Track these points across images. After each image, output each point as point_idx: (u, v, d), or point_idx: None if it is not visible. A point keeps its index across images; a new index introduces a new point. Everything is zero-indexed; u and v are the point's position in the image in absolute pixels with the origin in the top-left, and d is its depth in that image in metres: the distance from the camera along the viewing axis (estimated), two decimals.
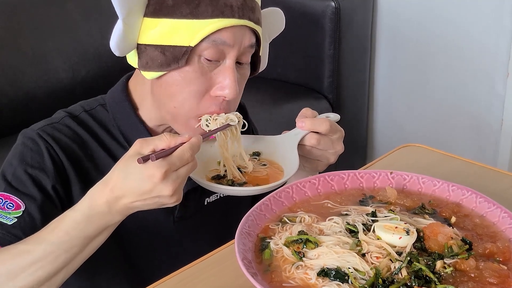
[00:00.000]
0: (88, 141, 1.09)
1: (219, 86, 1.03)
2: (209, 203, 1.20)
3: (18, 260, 0.92)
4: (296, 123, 1.10)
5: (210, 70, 1.03)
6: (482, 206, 0.99)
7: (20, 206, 1.00)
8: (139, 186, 0.89)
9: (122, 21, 0.99)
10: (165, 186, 0.88)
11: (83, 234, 0.93)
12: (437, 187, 1.05)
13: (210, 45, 1.01)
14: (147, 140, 0.91)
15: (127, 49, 1.03)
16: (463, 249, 0.88)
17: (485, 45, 2.36)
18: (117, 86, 1.15)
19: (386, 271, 0.83)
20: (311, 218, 0.96)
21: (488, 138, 2.45)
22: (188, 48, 1.00)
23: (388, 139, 2.79)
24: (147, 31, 1.02)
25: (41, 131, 1.06)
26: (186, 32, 1.00)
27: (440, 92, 2.55)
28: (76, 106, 1.14)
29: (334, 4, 2.36)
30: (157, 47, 1.02)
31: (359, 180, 1.07)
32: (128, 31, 1.01)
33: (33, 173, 1.03)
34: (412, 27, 2.55)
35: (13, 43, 1.94)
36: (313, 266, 0.85)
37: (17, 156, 1.05)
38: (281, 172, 1.09)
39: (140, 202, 0.91)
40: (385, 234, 0.88)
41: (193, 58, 1.02)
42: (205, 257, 0.99)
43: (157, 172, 0.87)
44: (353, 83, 2.59)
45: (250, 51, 1.06)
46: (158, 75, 1.03)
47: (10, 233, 0.98)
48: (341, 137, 1.11)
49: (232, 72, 1.03)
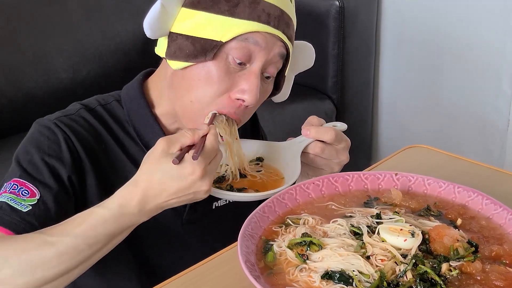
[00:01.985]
0: (103, 134, 1.10)
1: (240, 89, 1.03)
2: (217, 207, 1.20)
3: (42, 251, 0.90)
4: (302, 131, 1.10)
5: (234, 72, 1.03)
6: (488, 208, 0.99)
7: (35, 193, 0.99)
8: (177, 185, 0.90)
9: (160, 3, 0.99)
10: (204, 181, 0.91)
11: (108, 232, 0.93)
12: (443, 189, 1.04)
13: (241, 44, 1.01)
14: (170, 138, 0.92)
15: (159, 33, 1.04)
16: (469, 252, 0.87)
17: (492, 45, 2.35)
18: (133, 82, 1.15)
19: (391, 274, 0.83)
20: (315, 220, 0.95)
21: (495, 139, 2.44)
22: (218, 42, 1.00)
23: (393, 140, 2.79)
24: (182, 21, 1.02)
25: (58, 121, 1.06)
26: (220, 27, 1.00)
27: (446, 93, 2.54)
28: (91, 100, 1.14)
29: (338, 3, 2.35)
30: (188, 38, 1.02)
31: (363, 182, 1.06)
32: (164, 16, 1.01)
33: (50, 161, 1.02)
34: (418, 27, 2.54)
35: (13, 43, 1.94)
36: (317, 269, 0.84)
37: (34, 143, 1.04)
38: (282, 179, 1.09)
39: (175, 199, 0.92)
40: (390, 236, 0.88)
41: (221, 54, 1.01)
42: (207, 260, 0.99)
43: (197, 169, 0.90)
44: (357, 83, 2.58)
45: (277, 63, 1.06)
46: (184, 65, 1.03)
47: (24, 220, 0.97)
48: (347, 147, 1.11)
49: (256, 77, 1.03)
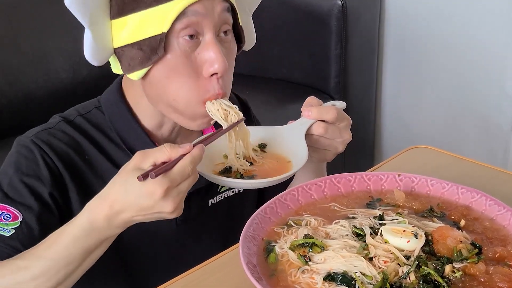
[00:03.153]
0: (84, 145, 1.08)
1: (206, 64, 1.00)
2: (213, 204, 1.18)
3: (17, 276, 0.91)
4: (302, 112, 1.08)
5: (192, 51, 1.00)
6: (492, 209, 0.98)
7: (17, 216, 0.99)
8: (139, 203, 0.87)
9: (88, 29, 0.97)
10: (166, 203, 0.86)
11: (82, 248, 0.91)
12: (446, 190, 1.04)
13: (182, 22, 0.97)
14: (146, 153, 0.89)
15: (104, 57, 1.02)
16: (473, 253, 0.87)
17: (495, 45, 2.35)
18: (112, 87, 1.14)
19: (394, 276, 0.82)
20: (317, 221, 0.95)
21: (498, 139, 2.43)
22: (162, 35, 0.98)
23: (396, 140, 2.78)
24: (119, 33, 1.00)
25: (35, 137, 1.05)
26: (155, 20, 0.97)
27: (449, 93, 2.53)
28: (71, 111, 1.13)
29: (340, 3, 2.35)
30: (134, 45, 1.00)
31: (366, 183, 1.06)
32: (98, 38, 0.99)
33: (29, 182, 1.02)
34: (421, 26, 2.53)
35: (13, 42, 1.93)
36: (319, 271, 0.84)
37: (12, 165, 1.04)
38: (288, 163, 1.07)
39: (140, 216, 0.89)
40: (392, 237, 0.88)
41: (171, 43, 0.99)
42: (209, 261, 0.98)
43: (158, 189, 0.85)
44: (360, 84, 2.58)
45: (227, 19, 1.02)
46: (143, 72, 1.01)
47: (8, 245, 0.97)
48: (349, 125, 1.09)
49: (214, 44, 0.99)
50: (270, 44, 2.46)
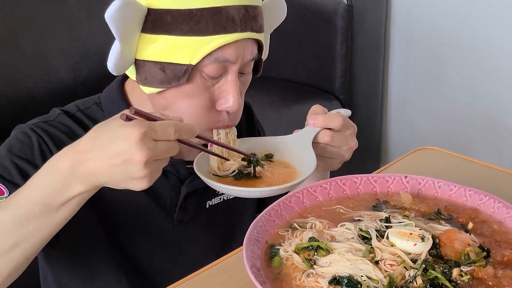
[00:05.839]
0: None
1: (222, 101, 1.02)
2: (211, 206, 1.18)
3: None
4: (308, 120, 1.08)
5: (212, 85, 1.02)
6: (500, 211, 0.98)
7: (3, 192, 0.99)
8: (111, 146, 0.82)
9: (119, 41, 0.97)
10: (139, 150, 0.80)
11: (43, 201, 0.87)
12: (454, 192, 1.03)
13: (212, 62, 0.99)
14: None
15: (124, 68, 1.02)
16: (481, 257, 0.86)
17: (503, 44, 2.34)
18: (112, 84, 1.14)
19: (401, 279, 0.82)
20: (322, 224, 0.95)
21: (507, 141, 2.42)
22: (189, 66, 0.98)
23: (402, 142, 2.77)
24: (146, 46, 1.00)
25: (35, 126, 1.06)
26: (186, 50, 0.98)
27: (456, 93, 2.52)
28: (71, 106, 1.13)
29: (346, 2, 2.34)
30: (157, 64, 1.00)
31: (372, 185, 1.05)
32: (126, 50, 0.99)
33: (19, 163, 1.01)
34: (427, 26, 2.52)
35: (13, 43, 1.93)
36: (324, 274, 0.83)
37: (6, 146, 1.04)
38: (296, 171, 1.07)
39: (106, 168, 0.83)
40: (399, 240, 0.87)
41: (194, 75, 1.00)
42: (212, 265, 0.98)
43: (134, 130, 0.80)
44: (366, 84, 2.57)
45: (253, 58, 1.05)
46: (158, 91, 1.02)
47: None
48: (354, 132, 1.09)
49: (234, 86, 1.02)
50: (274, 43, 2.44)
